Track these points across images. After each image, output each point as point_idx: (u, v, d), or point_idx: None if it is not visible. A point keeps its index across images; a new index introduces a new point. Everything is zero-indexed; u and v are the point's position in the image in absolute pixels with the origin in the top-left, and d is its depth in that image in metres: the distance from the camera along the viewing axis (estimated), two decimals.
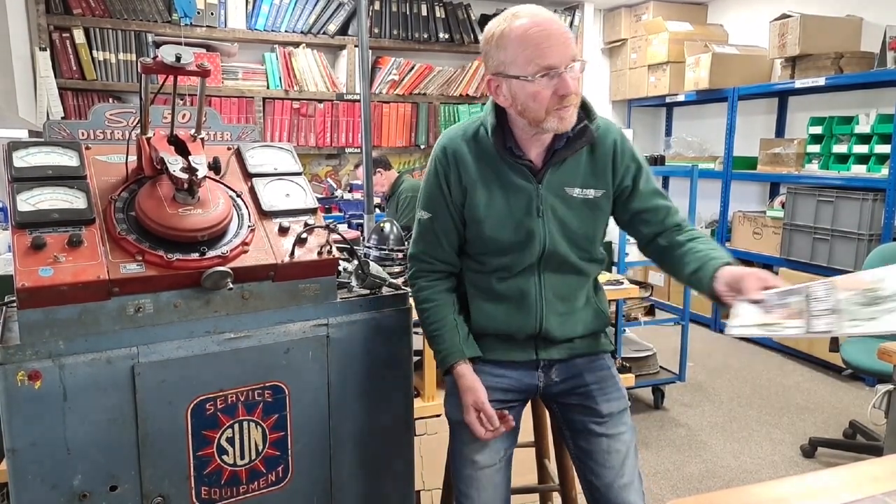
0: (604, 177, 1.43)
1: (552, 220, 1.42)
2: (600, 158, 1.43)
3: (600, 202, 1.44)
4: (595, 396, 1.47)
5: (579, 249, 1.45)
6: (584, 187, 1.43)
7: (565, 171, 1.42)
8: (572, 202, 1.42)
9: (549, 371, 1.50)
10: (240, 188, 1.46)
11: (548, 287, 1.44)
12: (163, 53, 1.21)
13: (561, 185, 1.41)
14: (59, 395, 1.18)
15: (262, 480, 1.41)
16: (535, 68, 1.26)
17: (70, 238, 1.20)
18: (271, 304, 1.39)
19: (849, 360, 2.65)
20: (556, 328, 1.45)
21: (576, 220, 1.43)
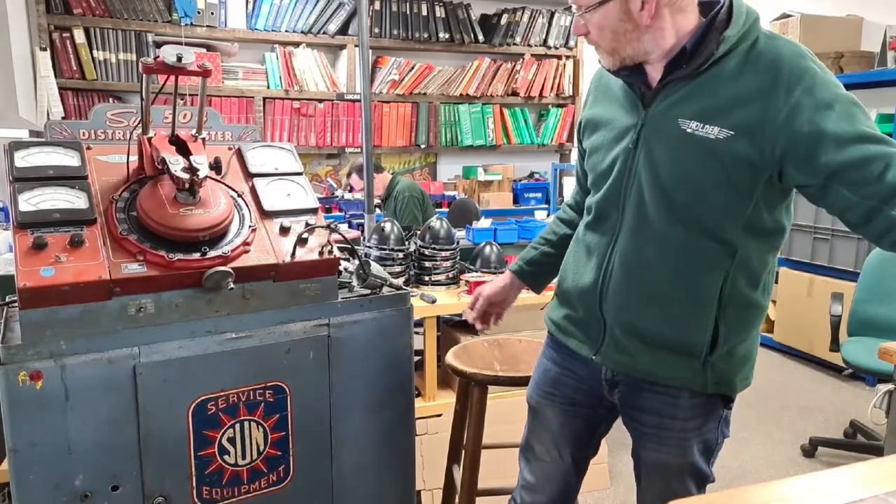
0: (735, 110, 1.06)
1: (644, 157, 1.14)
2: (735, 84, 1.07)
3: (728, 147, 1.06)
4: (643, 437, 1.24)
5: (672, 205, 1.12)
6: (702, 120, 1.08)
7: (683, 99, 1.10)
8: (681, 139, 1.09)
9: (614, 390, 1.26)
10: (241, 188, 1.46)
11: (626, 247, 1.18)
12: (164, 53, 1.21)
13: (674, 114, 1.11)
14: (60, 395, 1.18)
15: (264, 480, 1.41)
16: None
17: (71, 238, 1.20)
18: (272, 303, 1.39)
19: (849, 359, 2.65)
20: (626, 309, 1.18)
21: (680, 164, 1.10)
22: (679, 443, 1.20)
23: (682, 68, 1.09)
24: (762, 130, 1.04)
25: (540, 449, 1.38)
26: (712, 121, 1.06)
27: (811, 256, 3.98)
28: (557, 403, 1.35)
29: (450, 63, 5.04)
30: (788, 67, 1.03)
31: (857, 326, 2.84)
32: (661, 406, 1.20)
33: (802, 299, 4.01)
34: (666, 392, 1.19)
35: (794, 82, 1.02)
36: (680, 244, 1.12)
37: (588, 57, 5.39)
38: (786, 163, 1.04)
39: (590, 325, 1.24)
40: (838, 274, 3.79)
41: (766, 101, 1.03)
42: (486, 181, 5.15)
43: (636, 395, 1.22)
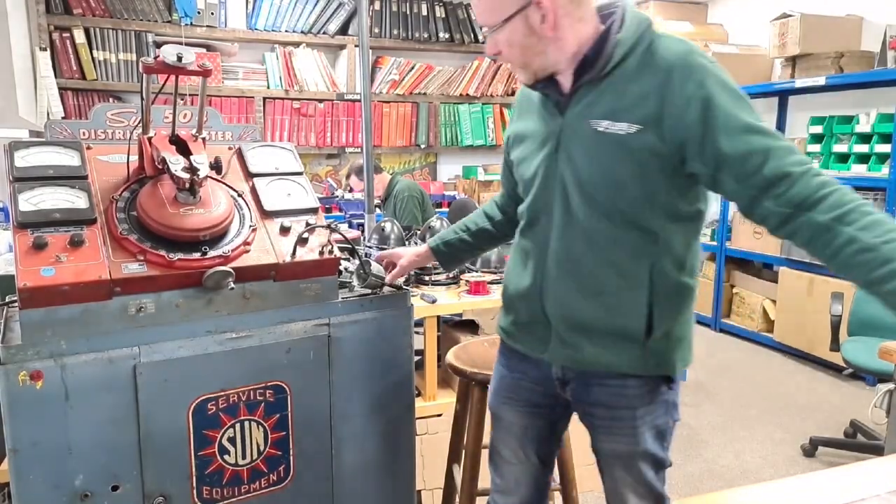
0: (639, 107, 1.12)
1: (566, 159, 1.20)
2: (638, 84, 1.13)
3: (637, 141, 1.12)
4: (597, 431, 1.30)
5: (594, 200, 1.18)
6: (612, 119, 1.14)
7: (594, 101, 1.17)
8: (596, 138, 1.16)
9: (565, 388, 1.31)
10: (241, 188, 1.46)
11: (559, 245, 1.23)
12: (164, 53, 1.21)
13: (587, 115, 1.17)
14: (60, 394, 1.18)
15: (264, 480, 1.41)
16: None
17: (72, 238, 1.20)
18: (273, 303, 1.39)
19: (849, 359, 2.65)
20: (555, 303, 1.24)
21: (596, 162, 1.17)
22: (631, 431, 1.24)
23: (587, 74, 1.17)
24: (663, 122, 1.11)
25: (507, 453, 1.42)
26: (621, 118, 1.13)
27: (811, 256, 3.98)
28: (518, 407, 1.40)
29: (450, 63, 5.04)
30: (681, 64, 1.11)
31: (857, 326, 2.85)
32: (611, 398, 1.25)
33: (802, 299, 4.01)
34: (614, 383, 1.24)
35: (686, 77, 1.10)
36: (606, 237, 1.19)
37: None
38: (684, 152, 1.12)
39: (535, 327, 1.29)
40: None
41: (663, 96, 1.11)
42: (486, 181, 5.15)
43: (587, 390, 1.27)
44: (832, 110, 4.23)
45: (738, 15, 5.20)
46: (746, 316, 4.60)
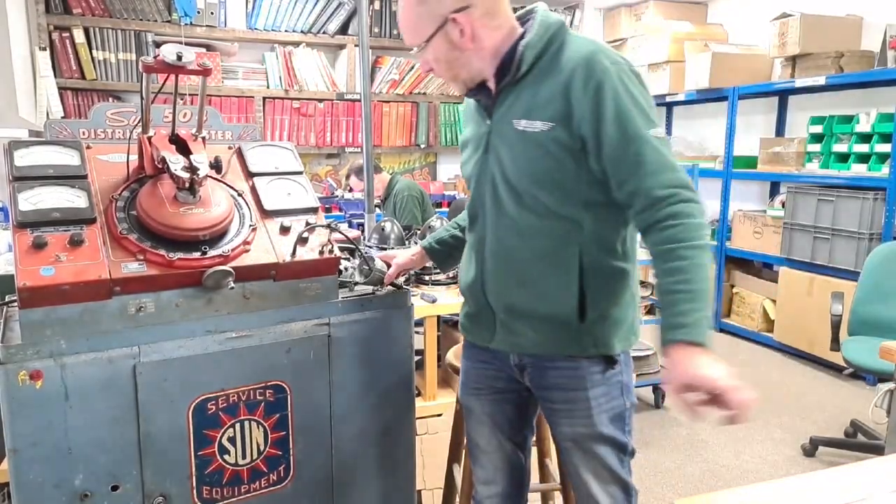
0: (551, 107, 1.20)
1: (493, 158, 1.28)
2: (548, 86, 1.21)
3: (549, 137, 1.19)
4: (557, 416, 1.33)
5: (533, 194, 1.23)
6: (528, 118, 1.22)
7: (514, 104, 1.25)
8: (517, 136, 1.24)
9: (523, 374, 1.36)
10: (241, 187, 1.46)
11: (493, 239, 1.31)
12: (164, 52, 1.21)
13: (509, 117, 1.25)
14: (60, 394, 1.18)
15: (264, 480, 1.41)
16: None
17: (71, 237, 1.20)
18: (273, 303, 1.39)
19: (850, 359, 2.64)
20: (505, 293, 1.30)
21: (520, 158, 1.24)
22: (587, 413, 1.29)
23: (505, 78, 1.25)
24: (571, 119, 1.19)
25: (482, 442, 1.47)
26: (535, 116, 1.21)
27: (811, 256, 3.98)
28: (484, 396, 1.45)
29: None
30: (583, 64, 1.18)
31: (857, 326, 2.84)
32: (566, 381, 1.30)
33: (802, 299, 4.01)
34: (565, 365, 1.29)
35: (586, 77, 1.17)
36: (533, 228, 1.25)
37: None
38: (586, 147, 1.19)
39: (482, 316, 1.37)
40: (838, 273, 3.78)
41: (568, 95, 1.18)
42: None
43: (543, 374, 1.32)
44: (832, 110, 4.22)
45: (738, 14, 5.20)
46: (746, 316, 4.60)
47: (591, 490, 1.31)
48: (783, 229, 4.19)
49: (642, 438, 2.97)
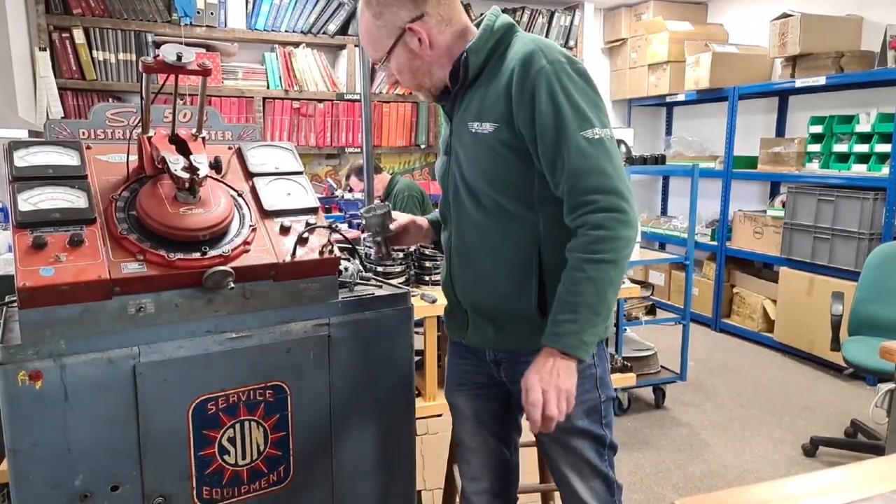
0: (496, 108, 1.23)
1: (455, 159, 1.33)
2: (493, 89, 1.25)
3: (498, 137, 1.23)
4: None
5: (489, 193, 1.26)
6: (479, 120, 1.26)
7: (467, 107, 1.29)
8: (471, 138, 1.28)
9: (499, 369, 1.39)
10: (241, 187, 1.46)
11: (456, 239, 1.37)
12: (164, 52, 1.20)
13: (464, 121, 1.30)
14: (60, 394, 1.18)
15: (264, 480, 1.41)
16: None
17: (71, 237, 1.20)
18: (273, 303, 1.39)
19: (850, 359, 2.64)
20: (469, 287, 1.34)
21: (475, 159, 1.28)
22: None
23: (457, 83, 1.29)
24: (513, 120, 1.21)
25: (467, 438, 1.49)
26: (485, 118, 1.25)
27: (812, 256, 3.98)
28: (466, 391, 1.48)
29: None
30: (521, 64, 1.20)
31: (857, 326, 2.84)
32: None
33: (802, 299, 4.01)
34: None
35: (523, 77, 1.19)
36: (490, 227, 1.28)
37: (587, 57, 5.39)
38: (530, 147, 1.21)
39: (456, 313, 1.42)
40: (838, 273, 3.79)
41: (509, 96, 1.21)
42: None
43: (516, 369, 1.30)
44: (832, 110, 4.23)
45: (738, 15, 5.20)
46: (747, 316, 4.60)
47: (572, 486, 1.30)
48: (783, 229, 4.19)
49: (643, 438, 2.97)
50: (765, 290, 4.49)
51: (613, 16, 5.58)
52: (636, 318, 3.56)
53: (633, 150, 3.82)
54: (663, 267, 5.21)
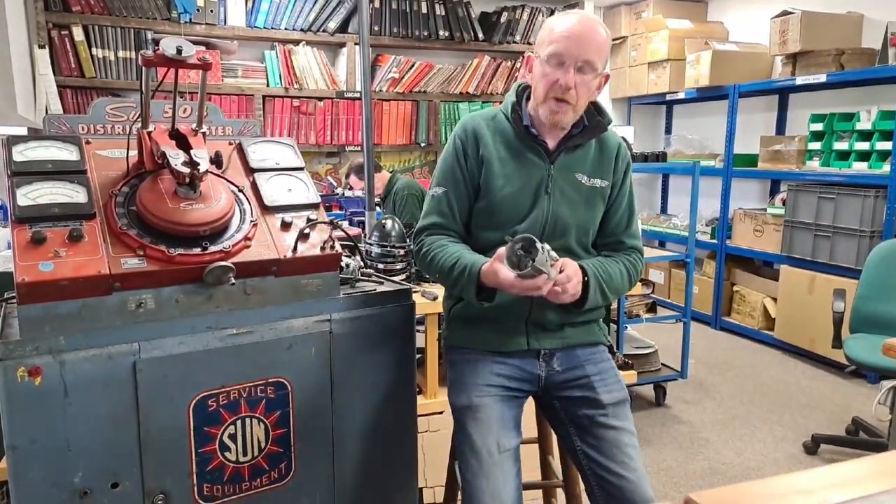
0: (609, 170, 1.53)
1: (560, 200, 1.49)
2: (606, 153, 1.54)
3: (604, 193, 1.53)
4: (596, 387, 1.49)
5: (580, 234, 1.51)
6: (592, 176, 1.51)
7: (577, 159, 1.51)
8: (581, 188, 1.50)
9: (551, 361, 1.52)
10: (241, 183, 1.45)
11: None
12: (164, 46, 1.20)
13: (572, 169, 1.50)
14: (59, 391, 1.17)
15: (265, 477, 1.40)
16: (547, 51, 1.42)
17: (70, 233, 1.19)
18: (274, 299, 1.38)
19: (852, 356, 2.64)
20: (549, 311, 1.48)
21: (581, 206, 1.50)
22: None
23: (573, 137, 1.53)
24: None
25: (491, 443, 1.46)
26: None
27: (812, 254, 3.97)
28: (495, 394, 1.52)
29: (450, 61, 5.02)
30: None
31: (859, 323, 2.84)
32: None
33: (803, 296, 4.00)
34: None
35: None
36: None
37: None
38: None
39: (515, 327, 1.54)
40: (839, 271, 3.78)
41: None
42: None
43: (571, 355, 1.54)
44: (833, 108, 4.22)
45: (738, 13, 5.20)
46: (747, 314, 4.60)
47: (637, 459, 1.43)
48: (784, 227, 4.19)
49: (644, 436, 2.97)
50: (765, 288, 4.49)
51: (613, 14, 5.57)
52: (637, 315, 3.55)
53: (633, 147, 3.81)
54: (663, 265, 5.21)
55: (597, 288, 1.44)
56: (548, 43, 1.43)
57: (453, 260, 1.45)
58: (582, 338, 1.55)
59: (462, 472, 1.43)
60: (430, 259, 1.50)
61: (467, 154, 1.51)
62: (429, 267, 1.51)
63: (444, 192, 1.52)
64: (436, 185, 1.54)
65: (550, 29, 1.44)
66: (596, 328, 1.58)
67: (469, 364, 1.52)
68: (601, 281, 1.45)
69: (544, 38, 1.45)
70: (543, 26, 1.48)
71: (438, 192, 1.53)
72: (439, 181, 1.54)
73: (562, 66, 1.40)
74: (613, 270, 1.50)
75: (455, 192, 1.52)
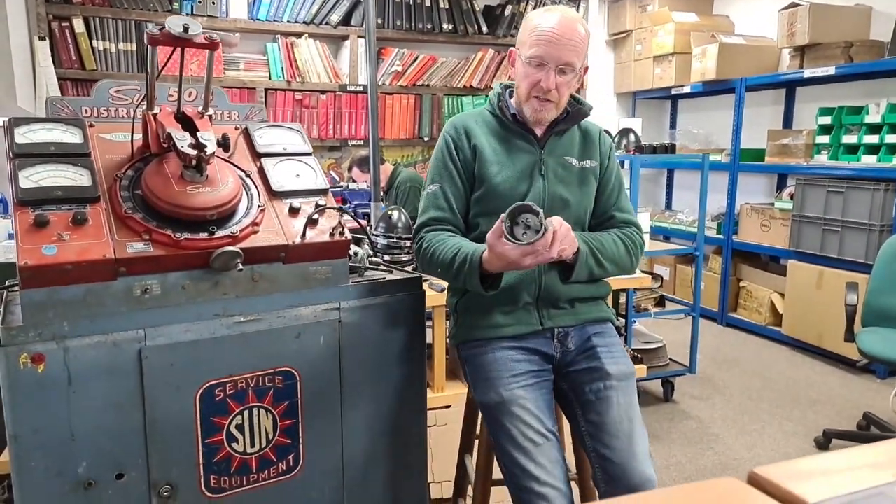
0: (595, 152, 1.59)
1: (554, 180, 1.53)
2: (590, 138, 1.60)
3: (595, 172, 1.58)
4: (602, 357, 1.49)
5: (578, 212, 1.54)
6: (581, 158, 1.56)
7: (564, 143, 1.56)
8: (572, 169, 1.55)
9: (566, 340, 1.53)
10: (248, 168, 1.41)
11: None
12: (170, 24, 1.16)
13: (561, 153, 1.55)
14: (63, 379, 1.13)
15: (273, 469, 1.37)
16: (528, 53, 1.45)
17: (74, 216, 1.15)
18: (282, 286, 1.35)
19: (865, 349, 2.60)
20: (557, 284, 1.50)
21: (576, 186, 1.55)
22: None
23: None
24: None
25: (533, 434, 1.42)
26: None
27: (821, 248, 3.93)
28: (524, 384, 1.50)
29: (453, 54, 4.98)
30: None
31: (871, 317, 2.80)
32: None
33: (811, 291, 3.96)
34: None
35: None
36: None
37: (592, 49, 5.34)
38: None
39: (526, 308, 1.54)
40: (848, 265, 3.74)
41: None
42: None
43: (583, 332, 1.55)
44: (841, 101, 4.18)
45: (744, 5, 5.15)
46: (754, 310, 4.56)
47: (639, 435, 1.42)
48: (791, 222, 4.15)
49: (652, 432, 2.93)
50: (772, 284, 4.45)
51: (618, 7, 5.52)
52: (645, 309, 3.51)
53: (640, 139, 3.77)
54: (668, 261, 5.17)
55: (588, 253, 1.45)
56: (529, 44, 1.45)
57: (454, 252, 1.43)
58: (593, 313, 1.56)
59: (507, 468, 1.38)
60: (430, 255, 1.48)
61: (459, 147, 1.53)
62: (430, 263, 1.49)
63: (438, 187, 1.53)
64: (430, 183, 1.55)
65: (532, 29, 1.45)
66: (604, 305, 1.61)
67: (488, 357, 1.48)
68: (590, 246, 1.46)
69: (525, 38, 1.47)
70: (524, 24, 1.49)
71: (433, 188, 1.54)
72: (433, 178, 1.55)
73: (543, 67, 1.44)
74: (605, 238, 1.52)
75: (451, 186, 1.52)
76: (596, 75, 5.53)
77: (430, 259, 1.48)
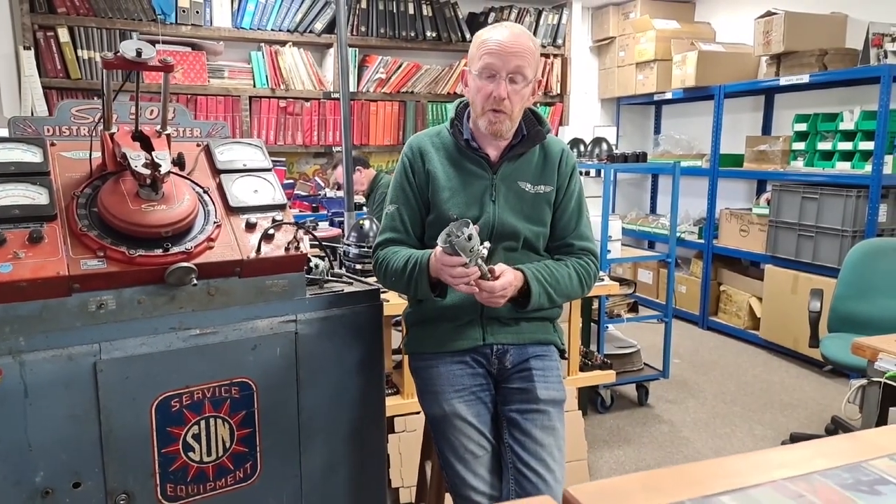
0: (552, 177, 1.57)
1: (504, 207, 1.53)
2: (550, 160, 1.59)
3: (549, 198, 1.56)
4: (535, 381, 1.51)
5: (528, 240, 1.54)
6: (536, 183, 1.56)
7: (520, 168, 1.56)
8: (524, 195, 1.55)
9: (504, 357, 1.54)
10: (207, 184, 1.46)
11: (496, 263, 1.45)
12: (124, 49, 1.21)
13: (515, 178, 1.55)
14: (19, 391, 1.18)
15: (230, 477, 1.41)
16: (478, 66, 1.47)
17: (30, 234, 1.20)
18: (238, 300, 1.39)
19: (827, 355, 2.66)
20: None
21: (527, 213, 1.54)
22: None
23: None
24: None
25: (473, 447, 1.49)
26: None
27: (796, 253, 3.99)
28: (465, 398, 1.54)
29: (437, 62, 5.03)
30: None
31: (836, 322, 2.85)
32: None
33: (787, 296, 4.02)
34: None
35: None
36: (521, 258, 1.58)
37: (576, 55, 5.40)
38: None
39: (471, 324, 1.56)
40: (822, 271, 3.80)
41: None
42: None
43: (524, 351, 1.56)
44: (817, 108, 4.24)
45: (726, 13, 5.22)
46: (733, 314, 4.62)
47: (558, 460, 1.46)
48: (768, 227, 4.21)
49: (624, 436, 2.98)
50: (751, 288, 4.50)
51: (601, 14, 5.58)
52: (618, 315, 3.56)
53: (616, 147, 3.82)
54: (652, 265, 5.22)
55: (541, 291, 1.45)
56: (478, 58, 1.47)
57: (405, 258, 1.48)
58: (537, 334, 1.57)
59: (449, 477, 1.46)
60: (385, 267, 1.52)
61: (415, 170, 1.56)
62: (385, 274, 1.53)
63: (395, 208, 1.57)
64: (390, 203, 1.59)
65: (480, 44, 1.48)
66: (551, 327, 1.61)
67: (432, 371, 1.53)
68: (544, 283, 1.46)
69: (475, 53, 1.49)
70: (473, 41, 1.51)
71: (391, 209, 1.58)
72: (392, 199, 1.59)
73: (493, 77, 1.45)
74: (561, 273, 1.51)
75: (406, 208, 1.56)
76: (580, 81, 5.58)
77: (386, 270, 1.52)
